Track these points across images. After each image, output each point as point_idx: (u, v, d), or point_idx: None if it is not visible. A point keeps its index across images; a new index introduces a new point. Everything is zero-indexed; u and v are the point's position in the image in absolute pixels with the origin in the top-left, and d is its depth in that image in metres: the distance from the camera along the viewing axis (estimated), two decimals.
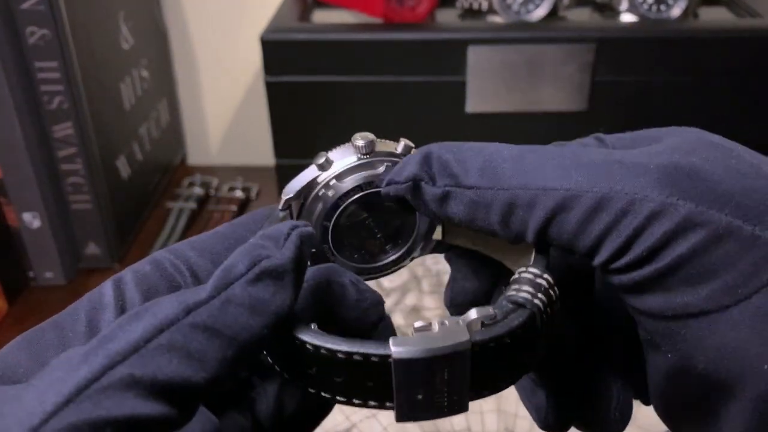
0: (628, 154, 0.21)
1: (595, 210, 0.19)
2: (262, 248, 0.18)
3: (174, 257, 0.21)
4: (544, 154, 0.21)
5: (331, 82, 0.63)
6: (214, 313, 0.17)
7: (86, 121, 0.60)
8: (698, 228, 0.18)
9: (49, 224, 0.61)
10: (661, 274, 0.19)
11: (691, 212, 0.18)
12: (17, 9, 0.55)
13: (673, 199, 0.19)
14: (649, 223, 0.19)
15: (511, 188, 0.20)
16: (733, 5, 0.69)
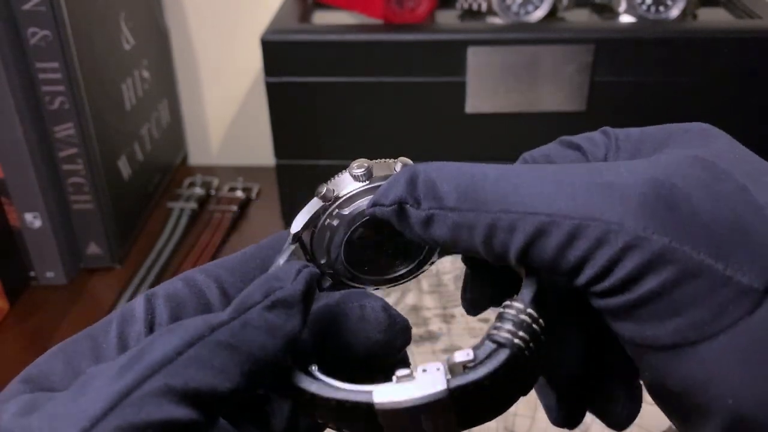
0: (615, 170, 0.20)
1: (573, 237, 0.19)
2: (276, 281, 0.20)
3: (205, 276, 0.23)
4: (528, 177, 0.21)
5: (331, 83, 0.63)
6: (234, 332, 0.19)
7: (87, 122, 0.60)
8: (669, 265, 0.19)
9: (51, 224, 0.61)
10: (632, 305, 0.19)
11: (664, 247, 0.18)
12: (18, 10, 0.55)
13: (647, 233, 0.19)
14: (623, 254, 0.19)
15: (492, 211, 0.21)
16: (732, 6, 0.69)
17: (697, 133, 0.23)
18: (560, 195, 0.20)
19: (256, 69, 0.82)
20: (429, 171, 0.22)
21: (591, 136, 0.24)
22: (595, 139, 0.24)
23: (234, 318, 0.19)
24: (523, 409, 0.48)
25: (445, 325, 0.56)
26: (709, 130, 0.23)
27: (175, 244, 0.69)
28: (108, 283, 0.65)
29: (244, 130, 0.86)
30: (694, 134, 0.23)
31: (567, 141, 0.25)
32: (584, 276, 0.20)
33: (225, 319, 0.19)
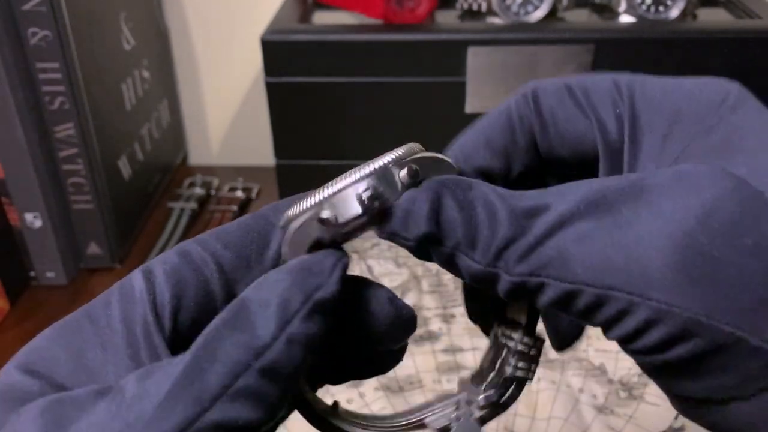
0: (637, 219, 0.19)
1: (598, 304, 0.19)
2: (312, 275, 0.19)
3: (201, 248, 0.22)
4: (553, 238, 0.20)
5: (331, 83, 0.63)
6: (279, 357, 0.18)
7: (87, 122, 0.60)
8: (695, 337, 0.18)
9: (51, 224, 0.61)
10: (661, 365, 0.19)
11: (690, 321, 0.18)
12: (18, 10, 0.55)
13: (672, 307, 0.18)
14: (647, 326, 0.19)
15: (518, 274, 0.20)
16: (732, 6, 0.69)
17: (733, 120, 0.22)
18: (581, 260, 0.19)
19: (256, 69, 0.82)
20: (454, 199, 0.20)
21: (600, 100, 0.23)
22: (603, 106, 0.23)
23: (276, 338, 0.18)
24: (524, 409, 0.48)
25: (445, 325, 0.56)
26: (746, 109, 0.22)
27: (176, 244, 0.69)
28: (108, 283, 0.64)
29: (245, 130, 0.86)
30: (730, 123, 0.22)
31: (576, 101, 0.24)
32: (612, 335, 0.20)
33: (268, 341, 0.18)
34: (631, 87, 0.23)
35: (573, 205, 0.20)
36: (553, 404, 0.48)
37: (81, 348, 0.20)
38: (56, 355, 0.19)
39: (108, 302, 0.21)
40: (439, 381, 0.50)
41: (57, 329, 0.20)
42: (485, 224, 0.20)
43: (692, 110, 0.22)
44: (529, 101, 0.24)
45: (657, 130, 0.22)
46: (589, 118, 0.23)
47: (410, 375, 0.51)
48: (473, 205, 0.20)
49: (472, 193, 0.21)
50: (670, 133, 0.22)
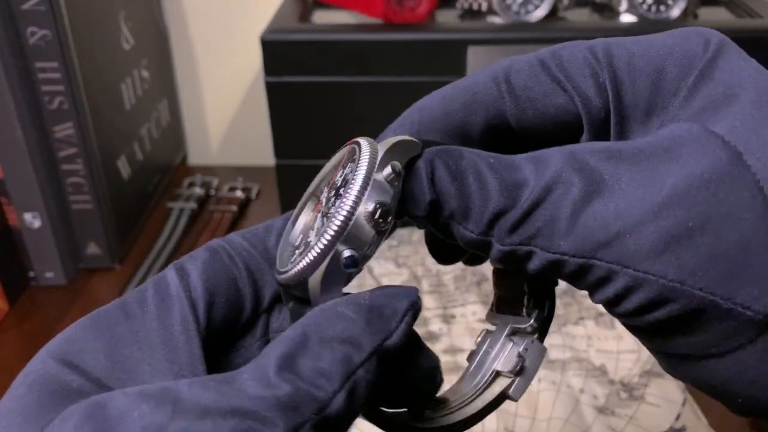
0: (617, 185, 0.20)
1: (580, 273, 0.20)
2: (381, 320, 0.19)
3: (229, 247, 0.22)
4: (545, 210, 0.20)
5: (331, 82, 0.63)
6: (340, 410, 0.17)
7: (87, 122, 0.60)
8: (671, 302, 0.19)
9: (50, 224, 0.61)
10: (643, 327, 0.21)
11: (664, 287, 0.19)
12: (18, 9, 0.55)
13: (648, 276, 0.19)
14: (626, 292, 0.20)
15: (509, 243, 0.21)
16: (733, 6, 0.69)
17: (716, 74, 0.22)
18: (565, 231, 0.20)
19: (256, 69, 0.82)
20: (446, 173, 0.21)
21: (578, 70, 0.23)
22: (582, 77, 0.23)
23: (337, 390, 0.17)
24: (524, 410, 0.48)
25: (445, 326, 0.56)
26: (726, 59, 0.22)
27: (175, 244, 0.69)
28: (108, 284, 0.65)
29: (244, 130, 0.86)
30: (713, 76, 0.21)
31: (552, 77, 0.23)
32: (596, 299, 0.21)
33: (330, 393, 0.17)
34: (608, 52, 0.22)
35: (557, 171, 0.20)
36: (554, 405, 0.48)
37: (117, 343, 0.19)
38: (93, 348, 0.19)
39: (143, 299, 0.21)
40: None
41: (92, 320, 0.20)
42: (477, 194, 0.20)
43: (674, 66, 0.22)
44: (501, 84, 0.23)
45: (642, 93, 0.22)
46: (568, 91, 0.23)
47: None
48: (464, 175, 0.21)
49: (463, 162, 0.21)
50: (655, 95, 0.22)
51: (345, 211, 0.20)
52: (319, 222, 0.22)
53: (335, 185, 0.22)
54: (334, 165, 0.24)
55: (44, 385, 0.18)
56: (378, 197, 0.20)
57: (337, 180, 0.22)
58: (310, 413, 0.17)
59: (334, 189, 0.22)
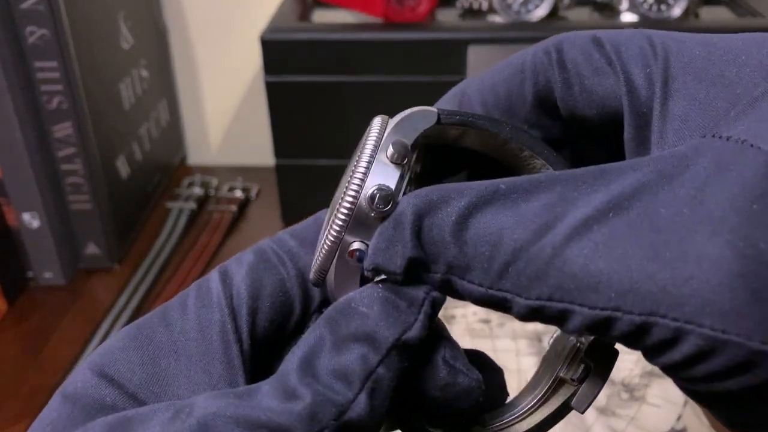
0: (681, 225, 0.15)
1: (637, 333, 0.16)
2: (399, 312, 0.17)
3: (277, 246, 0.21)
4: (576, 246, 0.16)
5: (331, 82, 0.63)
6: (362, 415, 0.16)
7: (86, 121, 0.60)
8: (758, 369, 0.15)
9: (49, 224, 0.61)
10: (713, 395, 0.17)
11: (753, 352, 0.15)
12: (17, 9, 0.54)
13: (732, 336, 0.15)
14: (700, 357, 0.15)
15: (534, 298, 0.16)
16: (734, 5, 0.69)
17: None
18: (613, 278, 0.16)
19: (256, 68, 0.82)
20: (433, 221, 0.17)
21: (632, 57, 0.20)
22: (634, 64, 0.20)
23: (358, 393, 0.16)
24: None
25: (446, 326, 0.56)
26: None
27: (174, 244, 0.69)
28: (107, 284, 0.65)
29: (244, 130, 0.85)
30: None
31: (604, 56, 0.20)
32: (657, 363, 0.17)
33: (350, 397, 0.16)
34: (666, 47, 0.20)
35: (598, 204, 0.16)
36: None
37: (155, 354, 0.19)
38: (130, 360, 0.19)
39: (184, 305, 0.20)
40: None
41: (133, 330, 0.19)
42: (484, 237, 0.17)
43: (737, 75, 0.18)
44: (551, 53, 0.21)
45: (693, 95, 0.19)
46: (618, 74, 0.20)
47: None
48: (466, 215, 0.17)
49: (463, 198, 0.17)
50: (709, 100, 0.18)
51: (346, 201, 0.19)
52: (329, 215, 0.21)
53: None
54: None
55: (79, 398, 0.18)
56: (378, 180, 0.18)
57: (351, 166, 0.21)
58: (328, 419, 0.16)
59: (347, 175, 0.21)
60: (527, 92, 0.21)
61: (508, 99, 0.22)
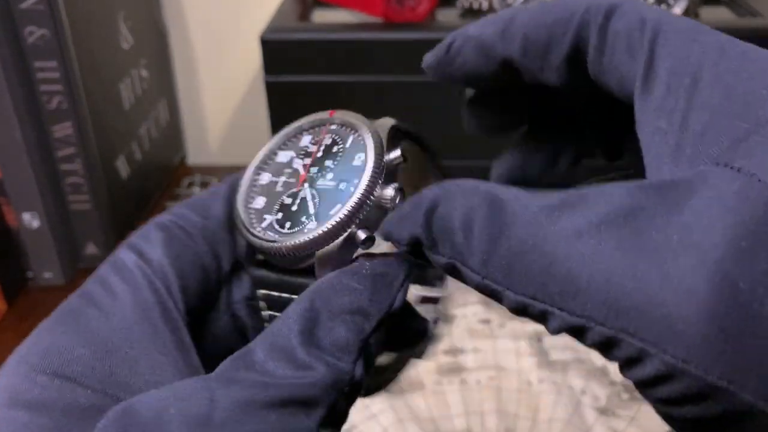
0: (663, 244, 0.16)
1: (608, 344, 0.16)
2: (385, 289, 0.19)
3: (181, 221, 0.23)
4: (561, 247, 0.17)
5: (331, 82, 0.63)
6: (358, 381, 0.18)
7: (85, 121, 0.60)
8: (713, 402, 0.15)
9: (48, 224, 0.61)
10: (670, 415, 0.17)
11: (709, 386, 0.15)
12: (16, 9, 0.54)
13: (690, 367, 0.15)
14: (661, 380, 0.16)
15: (523, 295, 0.17)
16: (734, 5, 0.69)
17: None
18: (593, 289, 0.16)
19: (256, 68, 0.82)
20: (451, 206, 0.18)
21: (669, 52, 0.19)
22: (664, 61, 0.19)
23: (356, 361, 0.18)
24: (525, 410, 0.48)
25: (446, 326, 0.56)
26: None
27: None
28: None
29: (244, 130, 0.85)
30: None
31: None
32: (625, 375, 0.17)
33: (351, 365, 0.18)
34: (702, 56, 0.19)
35: (594, 216, 0.17)
36: (555, 406, 0.48)
37: (103, 345, 0.19)
38: (81, 356, 0.19)
39: (111, 290, 0.20)
40: (440, 383, 0.50)
41: (63, 324, 0.19)
42: (487, 229, 0.18)
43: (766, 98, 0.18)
44: (599, 16, 0.21)
45: (718, 110, 0.18)
46: (639, 63, 0.20)
47: (411, 376, 0.51)
48: (476, 209, 0.18)
49: (477, 195, 0.18)
50: (732, 120, 0.18)
51: (362, 188, 0.21)
52: (309, 192, 0.23)
53: (315, 156, 0.24)
54: (294, 134, 0.25)
55: (50, 406, 0.17)
56: (393, 181, 0.22)
57: (314, 150, 0.24)
58: (343, 386, 0.17)
59: (316, 161, 0.24)
60: (565, 45, 0.22)
61: (547, 45, 0.22)
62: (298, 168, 0.24)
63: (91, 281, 0.21)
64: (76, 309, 0.20)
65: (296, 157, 0.24)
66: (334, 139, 0.24)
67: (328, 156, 0.24)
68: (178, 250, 0.21)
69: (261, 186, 0.24)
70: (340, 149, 0.24)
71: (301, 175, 0.24)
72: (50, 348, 0.19)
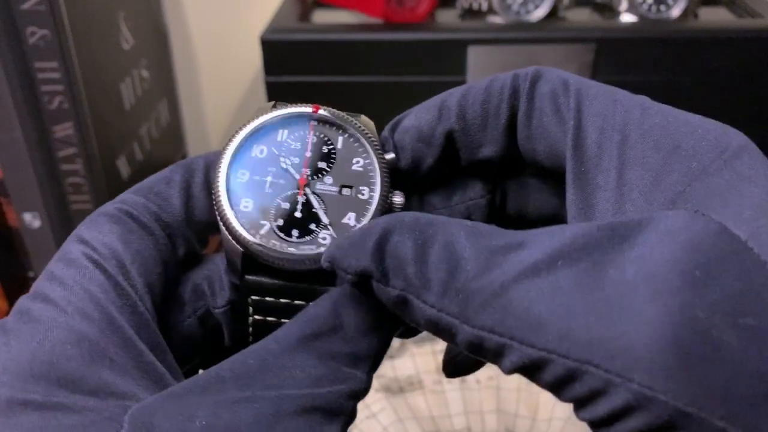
0: (618, 277, 0.16)
1: (569, 379, 0.16)
2: None
3: (135, 211, 0.21)
4: (518, 286, 0.17)
5: (331, 82, 0.63)
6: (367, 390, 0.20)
7: (86, 121, 0.60)
8: (681, 431, 0.15)
9: (50, 224, 0.61)
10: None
11: (676, 412, 0.15)
12: (17, 9, 0.55)
13: (658, 394, 0.15)
14: (624, 412, 0.16)
15: (478, 327, 0.17)
16: (733, 5, 0.69)
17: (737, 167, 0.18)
18: (554, 323, 0.16)
19: (256, 68, 0.82)
20: (405, 236, 0.18)
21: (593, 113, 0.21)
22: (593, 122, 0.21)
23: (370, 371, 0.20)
24: (525, 410, 0.48)
25: None
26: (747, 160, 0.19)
27: None
28: None
29: None
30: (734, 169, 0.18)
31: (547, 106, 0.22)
32: (583, 415, 0.17)
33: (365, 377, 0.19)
34: (626, 115, 0.21)
35: (550, 252, 0.17)
36: (554, 405, 0.48)
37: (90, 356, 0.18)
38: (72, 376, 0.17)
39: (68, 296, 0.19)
40: (439, 382, 0.50)
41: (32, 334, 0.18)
42: (443, 262, 0.17)
43: (694, 147, 0.19)
44: (526, 82, 0.22)
45: (651, 165, 0.20)
46: (568, 126, 0.21)
47: (410, 376, 0.51)
48: (431, 241, 0.18)
49: (432, 228, 0.18)
50: (665, 170, 0.19)
51: (379, 196, 0.22)
52: (312, 198, 0.22)
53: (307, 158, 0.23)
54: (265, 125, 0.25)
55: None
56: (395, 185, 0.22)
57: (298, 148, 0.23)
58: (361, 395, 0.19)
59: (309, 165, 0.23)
60: (503, 115, 0.23)
61: (485, 119, 0.23)
62: (288, 168, 0.23)
63: (46, 282, 0.19)
64: (35, 316, 0.18)
65: (280, 156, 0.23)
66: (321, 138, 0.23)
67: (319, 157, 0.23)
68: (137, 245, 0.20)
69: (241, 185, 0.23)
70: (332, 150, 0.23)
71: (300, 179, 0.23)
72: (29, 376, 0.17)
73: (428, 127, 0.23)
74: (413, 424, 0.47)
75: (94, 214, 0.21)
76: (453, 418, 0.47)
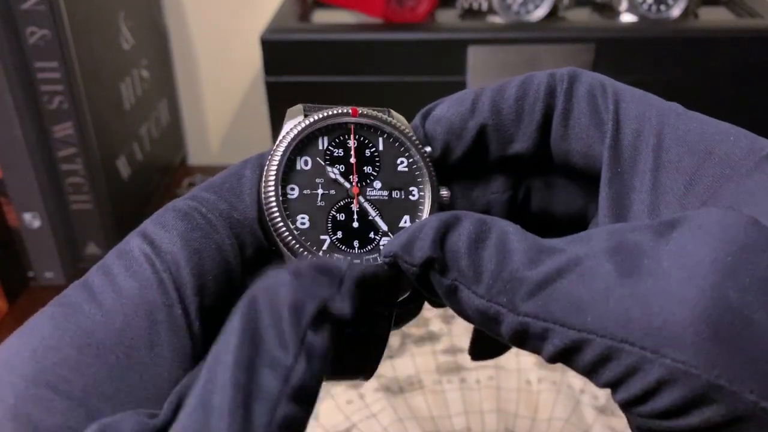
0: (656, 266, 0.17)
1: (606, 358, 0.17)
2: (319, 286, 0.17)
3: (203, 208, 0.21)
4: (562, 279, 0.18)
5: (331, 82, 0.63)
6: (302, 377, 0.17)
7: (86, 122, 0.60)
8: (714, 404, 0.16)
9: (50, 224, 0.61)
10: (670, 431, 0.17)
11: (709, 385, 0.16)
12: (17, 9, 0.55)
13: (691, 368, 0.16)
14: (659, 387, 0.17)
15: (523, 314, 0.18)
16: (733, 5, 0.69)
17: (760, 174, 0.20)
18: (593, 306, 0.17)
19: (256, 68, 0.82)
20: (463, 232, 0.19)
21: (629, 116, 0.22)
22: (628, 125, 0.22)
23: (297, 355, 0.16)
24: (524, 410, 0.48)
25: (446, 326, 0.56)
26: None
27: None
28: None
29: (244, 130, 0.86)
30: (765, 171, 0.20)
31: None
32: (619, 396, 0.18)
33: (291, 362, 0.16)
34: (662, 119, 0.21)
35: (591, 248, 0.18)
36: (554, 405, 0.48)
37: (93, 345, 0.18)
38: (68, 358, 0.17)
39: (115, 286, 0.19)
40: (439, 382, 0.50)
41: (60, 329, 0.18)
42: (494, 256, 0.19)
43: (726, 153, 0.20)
44: (564, 81, 0.23)
45: (684, 168, 0.21)
46: (606, 127, 0.22)
47: (410, 375, 0.51)
48: (483, 237, 0.19)
49: (485, 225, 0.19)
50: (698, 174, 0.20)
51: (431, 195, 0.22)
52: (367, 206, 0.22)
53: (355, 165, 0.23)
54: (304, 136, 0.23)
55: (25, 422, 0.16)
56: None
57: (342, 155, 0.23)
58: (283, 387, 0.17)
59: (356, 171, 0.23)
60: (538, 112, 0.23)
61: (519, 114, 0.23)
62: (337, 178, 0.22)
63: (95, 271, 0.19)
64: (73, 303, 0.18)
65: (328, 165, 0.23)
66: (362, 142, 0.23)
67: (364, 162, 0.23)
68: (197, 243, 0.20)
69: (293, 201, 0.22)
70: (374, 153, 0.23)
71: (353, 188, 0.22)
72: (37, 348, 0.17)
73: (461, 119, 0.24)
74: (413, 424, 0.47)
75: (165, 206, 0.21)
76: (453, 418, 0.47)
